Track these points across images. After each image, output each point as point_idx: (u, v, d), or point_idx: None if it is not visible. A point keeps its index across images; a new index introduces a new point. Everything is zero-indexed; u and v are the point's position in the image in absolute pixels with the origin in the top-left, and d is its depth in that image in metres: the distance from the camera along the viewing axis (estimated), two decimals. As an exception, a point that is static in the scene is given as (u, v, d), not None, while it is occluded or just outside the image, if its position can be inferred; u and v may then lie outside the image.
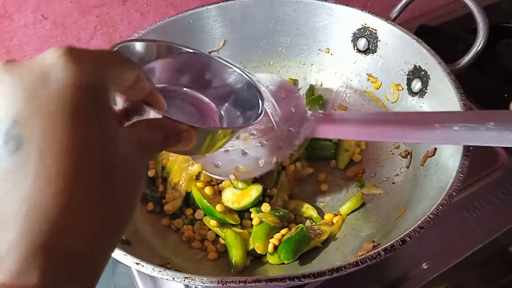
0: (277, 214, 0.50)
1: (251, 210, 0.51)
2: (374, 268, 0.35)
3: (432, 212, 0.37)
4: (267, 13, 0.62)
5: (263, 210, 0.50)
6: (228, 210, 0.50)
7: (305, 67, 0.65)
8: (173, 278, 0.34)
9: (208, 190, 0.51)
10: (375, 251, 0.35)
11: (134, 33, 0.57)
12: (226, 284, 0.33)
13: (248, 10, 0.61)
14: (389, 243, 0.35)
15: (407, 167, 0.52)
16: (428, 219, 0.37)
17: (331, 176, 0.57)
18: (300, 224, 0.50)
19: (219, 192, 0.52)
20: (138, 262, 0.35)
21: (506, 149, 0.62)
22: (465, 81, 0.48)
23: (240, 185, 0.51)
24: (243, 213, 0.51)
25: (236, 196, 0.51)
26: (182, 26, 0.60)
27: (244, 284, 0.33)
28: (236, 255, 0.47)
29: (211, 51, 0.64)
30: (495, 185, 0.58)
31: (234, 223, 0.50)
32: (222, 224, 0.50)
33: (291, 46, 0.64)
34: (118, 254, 0.36)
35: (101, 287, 0.71)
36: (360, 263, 0.34)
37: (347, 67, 0.62)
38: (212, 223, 0.50)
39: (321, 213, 0.53)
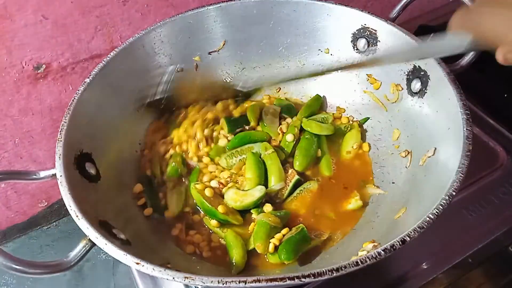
0: (278, 214, 0.50)
1: (252, 211, 0.51)
2: (374, 268, 0.35)
3: (432, 212, 0.37)
4: (267, 13, 0.62)
5: (265, 211, 0.50)
6: (231, 211, 0.50)
7: (305, 67, 0.65)
8: (173, 278, 0.34)
9: (208, 192, 0.51)
10: (375, 251, 0.35)
11: (134, 33, 0.57)
12: (226, 284, 0.33)
13: (248, 10, 0.61)
14: (389, 243, 0.35)
15: (407, 167, 0.52)
16: (428, 219, 0.37)
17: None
18: (301, 224, 0.50)
19: (220, 195, 0.53)
20: (139, 262, 0.35)
21: (506, 149, 0.62)
22: (464, 81, 0.48)
23: (247, 186, 0.52)
24: (244, 214, 0.52)
25: (238, 195, 0.51)
26: (182, 26, 0.60)
27: (244, 284, 0.33)
28: (236, 255, 0.47)
29: (211, 51, 0.64)
30: (495, 185, 0.58)
31: (236, 223, 0.50)
32: (222, 224, 0.50)
33: (291, 46, 0.64)
34: (118, 254, 0.36)
35: (101, 287, 0.71)
36: (360, 263, 0.34)
37: (347, 67, 0.62)
38: (213, 223, 0.50)
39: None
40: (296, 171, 0.55)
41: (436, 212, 0.37)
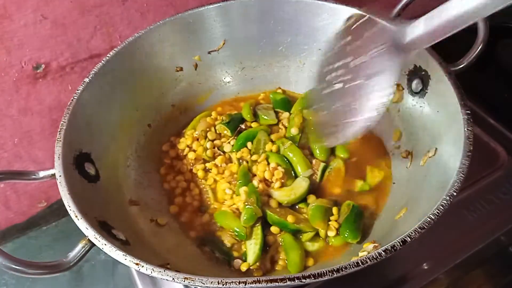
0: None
1: (299, 206, 0.51)
2: (375, 268, 0.35)
3: (432, 212, 0.37)
4: (267, 12, 0.61)
5: (310, 201, 0.51)
6: (301, 220, 0.49)
7: (305, 66, 0.65)
8: (173, 279, 0.34)
9: (273, 203, 0.50)
10: (375, 251, 0.35)
11: (134, 33, 0.57)
12: (226, 284, 0.33)
13: (248, 10, 0.61)
14: (389, 244, 0.35)
15: (408, 168, 0.52)
16: (428, 219, 0.37)
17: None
18: (349, 201, 0.50)
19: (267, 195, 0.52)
20: (138, 262, 0.35)
21: (507, 149, 0.62)
22: (465, 81, 0.48)
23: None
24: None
25: (286, 191, 0.51)
26: (182, 26, 0.60)
27: (244, 284, 0.33)
28: (295, 256, 0.47)
29: (211, 51, 0.64)
30: (495, 185, 0.58)
31: (310, 231, 0.49)
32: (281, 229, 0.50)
33: (291, 46, 0.64)
34: (118, 255, 0.36)
35: (100, 287, 0.71)
36: (360, 264, 0.34)
37: (347, 67, 0.62)
38: (273, 230, 0.49)
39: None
40: (320, 160, 0.55)
41: (437, 212, 0.37)
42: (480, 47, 0.52)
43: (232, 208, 0.51)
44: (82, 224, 0.38)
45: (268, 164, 0.54)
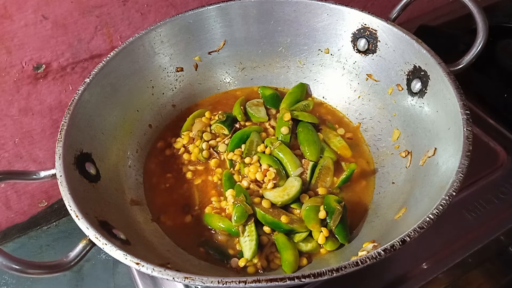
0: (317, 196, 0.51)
1: (292, 206, 0.51)
2: (375, 267, 0.35)
3: (432, 212, 0.37)
4: (267, 13, 0.62)
5: (303, 201, 0.51)
6: (295, 220, 0.49)
7: (305, 67, 0.65)
8: (173, 278, 0.34)
9: (265, 203, 0.50)
10: (375, 251, 0.35)
11: (134, 33, 0.57)
12: (226, 284, 0.33)
13: (248, 10, 0.61)
14: (389, 243, 0.35)
15: (407, 167, 0.52)
16: (428, 219, 0.37)
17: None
18: (336, 197, 0.50)
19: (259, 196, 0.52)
20: (138, 262, 0.35)
21: (506, 149, 0.62)
22: (465, 81, 0.48)
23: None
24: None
25: (279, 191, 0.51)
26: (182, 26, 0.60)
27: (244, 284, 0.33)
28: (289, 256, 0.47)
29: (211, 51, 0.64)
30: (494, 185, 0.58)
31: (304, 231, 0.49)
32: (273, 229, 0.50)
33: (291, 46, 0.64)
34: (118, 254, 0.36)
35: (101, 287, 0.71)
36: (360, 263, 0.34)
37: (346, 67, 0.62)
38: (265, 229, 0.49)
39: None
40: (310, 161, 0.55)
41: (436, 212, 0.37)
42: (480, 47, 0.52)
43: (218, 211, 0.52)
44: (82, 224, 0.38)
45: (260, 165, 0.54)
